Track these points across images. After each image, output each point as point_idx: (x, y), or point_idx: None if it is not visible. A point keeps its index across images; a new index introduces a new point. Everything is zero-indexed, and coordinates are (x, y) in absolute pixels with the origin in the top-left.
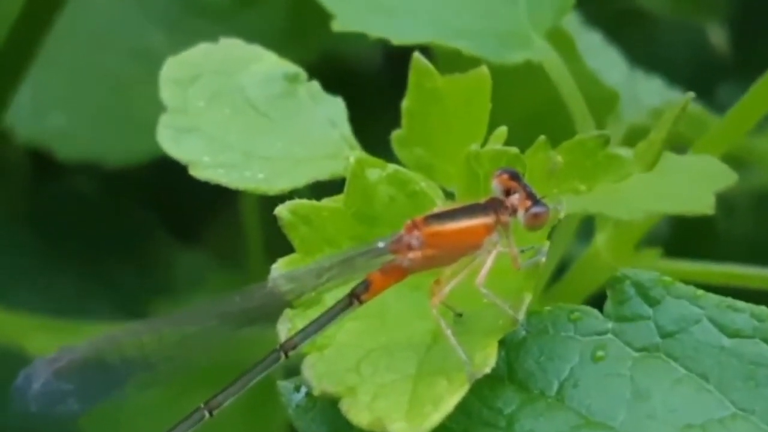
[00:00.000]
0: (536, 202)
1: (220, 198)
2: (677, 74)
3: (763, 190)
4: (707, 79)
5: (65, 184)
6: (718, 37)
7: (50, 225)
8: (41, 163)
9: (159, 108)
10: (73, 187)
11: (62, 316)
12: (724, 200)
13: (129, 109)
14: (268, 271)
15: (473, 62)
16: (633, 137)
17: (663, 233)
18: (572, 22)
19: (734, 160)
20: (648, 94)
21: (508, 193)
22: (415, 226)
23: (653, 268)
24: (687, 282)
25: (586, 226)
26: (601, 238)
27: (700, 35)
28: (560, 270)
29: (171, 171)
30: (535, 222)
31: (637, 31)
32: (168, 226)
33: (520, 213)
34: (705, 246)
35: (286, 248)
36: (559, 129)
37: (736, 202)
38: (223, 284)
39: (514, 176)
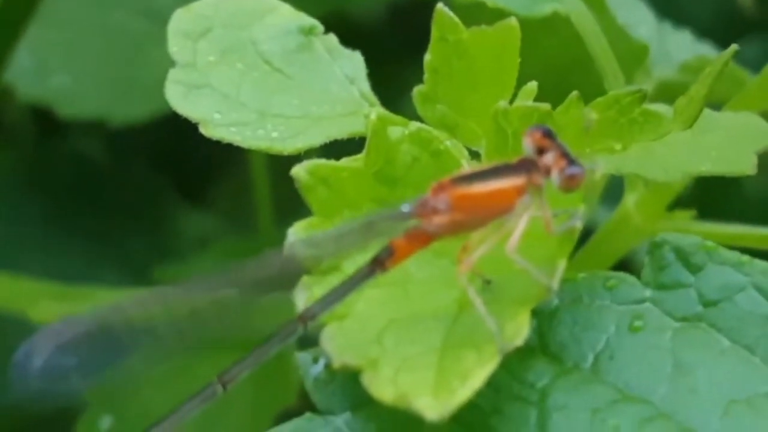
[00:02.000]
0: (572, 162)
1: (229, 158)
2: (701, 29)
3: None
4: (731, 34)
5: (70, 146)
6: None
7: (55, 188)
8: (45, 126)
9: (164, 67)
10: (78, 149)
11: (68, 280)
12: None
13: (133, 67)
14: (277, 234)
15: (493, 16)
16: (662, 92)
17: (685, 192)
18: None
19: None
20: (677, 48)
21: (541, 152)
22: (441, 188)
23: (687, 231)
24: (729, 248)
25: (611, 188)
26: (630, 200)
27: None
28: (585, 234)
29: (177, 131)
30: (570, 183)
31: None
32: (175, 187)
33: (554, 174)
34: (731, 205)
35: (296, 210)
36: (586, 84)
37: (763, 161)
38: (232, 247)
39: (548, 134)
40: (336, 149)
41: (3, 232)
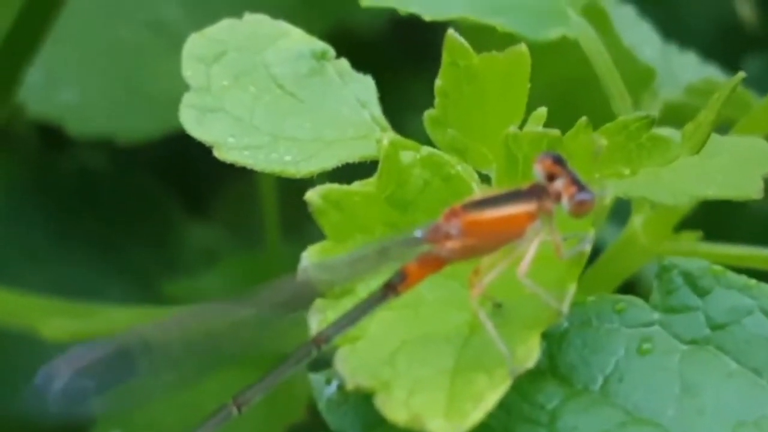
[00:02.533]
0: (582, 188)
1: (234, 173)
2: (703, 47)
3: None
4: (734, 51)
5: (76, 159)
6: (744, 8)
7: (61, 202)
8: (51, 140)
9: (172, 81)
10: (84, 162)
11: (73, 292)
12: None
13: (142, 84)
14: (284, 248)
15: (502, 40)
16: (668, 114)
17: (691, 211)
18: None
19: None
20: (683, 70)
21: (551, 178)
22: (453, 213)
23: (693, 253)
24: (727, 267)
25: (618, 208)
26: (637, 221)
27: (726, 6)
28: (593, 254)
29: (183, 145)
30: (580, 209)
31: (662, 3)
32: (180, 200)
33: (565, 200)
34: (736, 225)
35: (301, 223)
36: (593, 105)
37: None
38: (240, 262)
39: (558, 161)
40: (344, 173)
41: (9, 244)
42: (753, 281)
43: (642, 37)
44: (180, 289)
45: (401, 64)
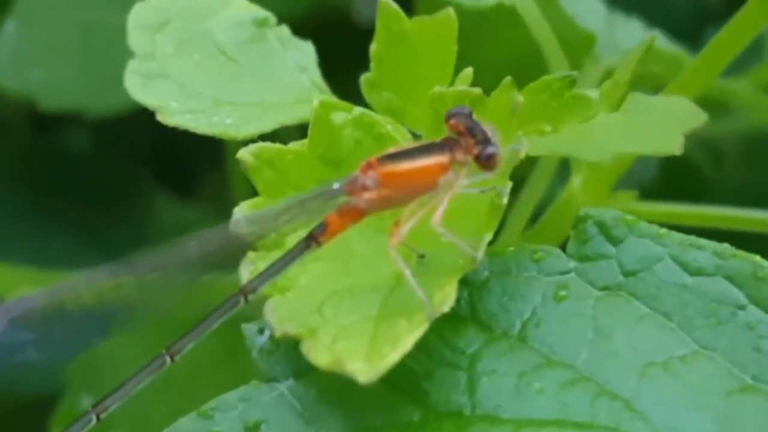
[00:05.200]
0: (487, 141)
1: (213, 151)
2: (665, 19)
3: (751, 134)
4: (696, 24)
5: (53, 138)
6: None
7: (40, 179)
8: (30, 120)
9: None
10: (64, 141)
11: (50, 267)
12: (713, 146)
13: (111, 60)
14: None
15: (450, 6)
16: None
17: (653, 181)
18: None
19: (719, 105)
20: (627, 37)
21: (461, 132)
22: (369, 166)
23: (629, 211)
24: (669, 226)
25: (568, 170)
26: (576, 181)
27: None
28: (540, 212)
29: (160, 124)
30: (487, 163)
31: None
32: (157, 178)
33: (473, 152)
34: (695, 193)
35: None
36: (541, 73)
37: (725, 148)
38: None
39: (466, 115)
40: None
41: None
42: (663, 230)
43: (587, 6)
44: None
45: None
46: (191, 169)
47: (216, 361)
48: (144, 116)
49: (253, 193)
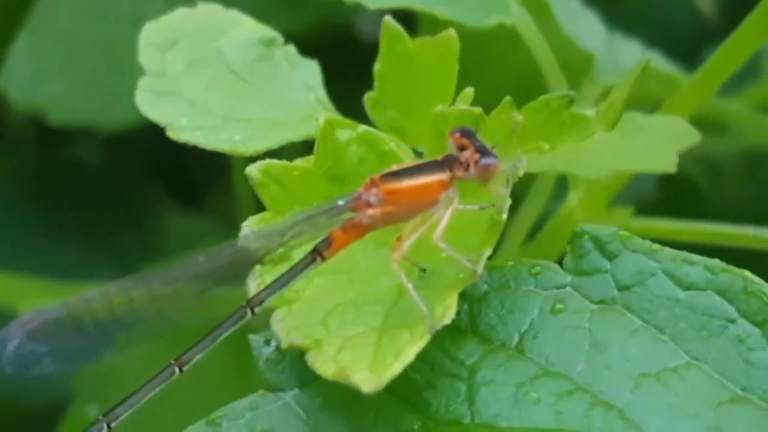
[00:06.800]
0: (485, 154)
1: (221, 165)
2: (665, 39)
3: (748, 152)
4: (695, 43)
5: (66, 151)
6: (704, 0)
7: (52, 192)
8: (42, 132)
9: None
10: (75, 154)
11: (61, 278)
12: (711, 164)
13: (123, 75)
14: None
15: (453, 27)
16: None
17: (652, 197)
18: None
19: (717, 124)
20: (625, 57)
21: (461, 149)
22: (373, 183)
23: (625, 227)
24: (663, 242)
25: (566, 186)
26: (574, 197)
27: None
28: (539, 228)
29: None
30: (485, 174)
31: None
32: (169, 192)
33: (471, 167)
34: (693, 209)
35: None
36: (540, 93)
37: (723, 166)
38: None
39: (466, 133)
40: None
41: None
42: (656, 245)
43: (586, 26)
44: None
45: None
46: (200, 182)
47: (223, 370)
48: (154, 130)
49: (259, 205)
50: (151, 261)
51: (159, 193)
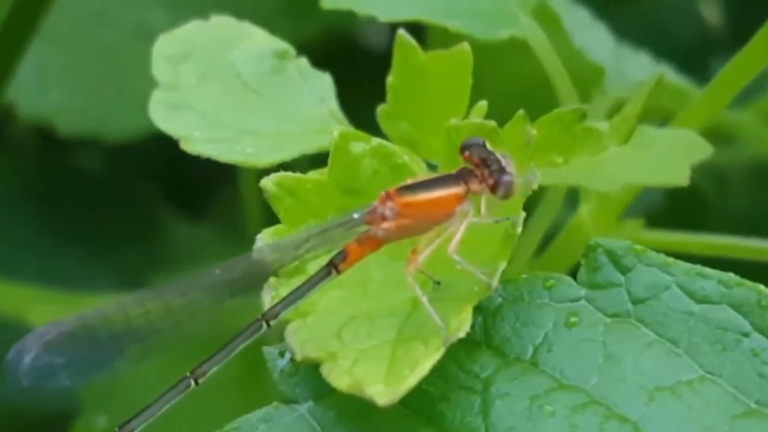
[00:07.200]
0: (502, 171)
1: (224, 173)
2: (672, 50)
3: (755, 163)
4: (702, 54)
5: (70, 159)
6: (710, 11)
7: (55, 199)
8: (46, 139)
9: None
10: (78, 162)
11: (65, 285)
12: (718, 175)
13: (129, 85)
14: None
15: (463, 39)
16: (619, 111)
17: (659, 209)
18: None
19: (724, 135)
20: (635, 69)
21: (476, 163)
22: (388, 197)
23: (635, 239)
24: (672, 254)
25: (576, 197)
26: (585, 210)
27: (693, 10)
28: (550, 239)
29: (173, 145)
30: (505, 192)
31: (631, 7)
32: (172, 200)
33: (488, 182)
34: (700, 220)
35: None
36: (550, 105)
37: (730, 177)
38: (226, 258)
39: (480, 147)
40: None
41: (3, 238)
42: (671, 259)
43: (596, 38)
44: (166, 282)
45: None
46: (203, 190)
47: (237, 381)
48: (157, 138)
49: (266, 214)
50: (154, 269)
51: (162, 200)
